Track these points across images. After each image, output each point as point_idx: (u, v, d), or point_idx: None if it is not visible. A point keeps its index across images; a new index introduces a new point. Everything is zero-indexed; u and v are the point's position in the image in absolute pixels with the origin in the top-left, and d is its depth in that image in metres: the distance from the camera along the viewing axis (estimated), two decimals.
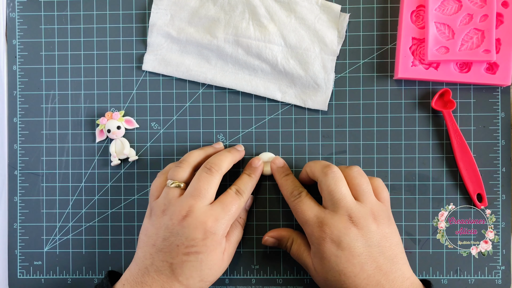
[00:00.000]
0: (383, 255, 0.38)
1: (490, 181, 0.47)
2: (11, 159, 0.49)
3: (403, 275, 0.38)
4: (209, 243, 0.39)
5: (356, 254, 0.38)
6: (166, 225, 0.39)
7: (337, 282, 0.38)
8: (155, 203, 0.41)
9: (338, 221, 0.38)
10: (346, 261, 0.38)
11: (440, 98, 0.47)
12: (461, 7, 0.45)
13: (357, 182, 0.40)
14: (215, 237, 0.39)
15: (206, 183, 0.40)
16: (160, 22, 0.48)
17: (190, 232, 0.38)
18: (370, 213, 0.39)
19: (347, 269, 0.38)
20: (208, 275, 0.39)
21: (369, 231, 0.38)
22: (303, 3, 0.47)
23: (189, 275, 0.38)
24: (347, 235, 0.38)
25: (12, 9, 0.49)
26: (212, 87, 0.48)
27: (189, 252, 0.38)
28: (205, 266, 0.39)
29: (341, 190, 0.39)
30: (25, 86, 0.49)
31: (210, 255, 0.39)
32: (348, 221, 0.38)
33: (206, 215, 0.39)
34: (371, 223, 0.39)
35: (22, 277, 0.49)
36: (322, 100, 0.47)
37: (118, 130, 0.47)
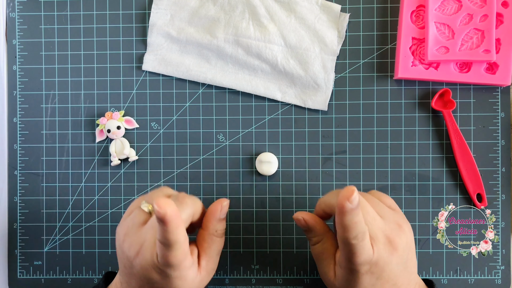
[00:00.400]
0: (406, 270, 0.36)
1: (490, 181, 0.47)
2: (11, 159, 0.49)
3: (414, 281, 0.37)
4: (173, 281, 0.35)
5: (389, 279, 0.35)
6: (126, 254, 0.35)
7: None
8: (124, 220, 0.37)
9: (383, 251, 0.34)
10: (380, 286, 0.35)
11: (440, 98, 0.47)
12: (461, 7, 0.45)
13: (374, 203, 0.37)
14: (176, 276, 0.34)
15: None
16: (160, 22, 0.48)
17: (147, 274, 0.34)
18: (397, 225, 0.36)
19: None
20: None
21: (401, 249, 0.35)
22: (303, 3, 0.47)
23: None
24: (390, 263, 0.34)
25: (12, 9, 0.49)
26: (212, 87, 0.48)
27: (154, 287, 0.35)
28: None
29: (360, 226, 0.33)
30: (25, 86, 0.49)
31: (180, 286, 0.35)
32: (388, 245, 0.35)
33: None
34: (401, 238, 0.35)
35: (22, 277, 0.49)
36: (322, 100, 0.47)
37: (118, 130, 0.47)
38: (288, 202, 0.48)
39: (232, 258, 0.48)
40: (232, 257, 0.48)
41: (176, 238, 0.32)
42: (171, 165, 0.48)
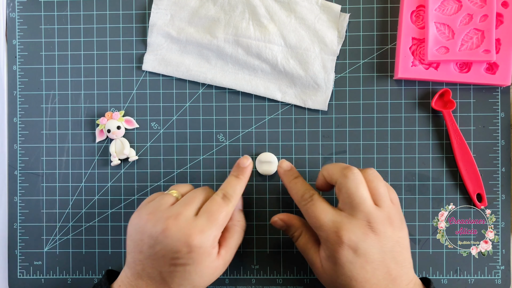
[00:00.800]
0: (394, 260, 0.37)
1: (490, 181, 0.47)
2: (11, 159, 0.49)
3: (408, 278, 0.38)
4: (195, 256, 0.37)
5: (370, 260, 0.36)
6: (150, 232, 0.37)
7: (346, 286, 0.37)
8: (145, 205, 0.40)
9: (357, 226, 0.37)
10: (360, 268, 0.36)
11: (440, 98, 0.47)
12: (461, 7, 0.45)
13: (374, 185, 0.39)
14: (201, 250, 0.37)
15: (198, 193, 0.39)
16: (160, 22, 0.48)
17: (174, 245, 0.36)
18: (387, 217, 0.38)
19: (360, 275, 0.36)
20: (200, 282, 0.38)
21: (385, 236, 0.37)
22: (303, 3, 0.47)
23: (179, 283, 0.37)
24: (365, 241, 0.36)
25: (12, 9, 0.49)
26: (212, 87, 0.48)
27: (175, 264, 0.37)
28: (195, 275, 0.37)
29: (362, 194, 0.37)
30: (25, 86, 0.49)
31: (199, 266, 0.37)
32: (366, 226, 0.37)
33: (189, 228, 0.37)
34: (387, 228, 0.37)
35: (22, 277, 0.49)
36: (322, 100, 0.47)
37: (118, 130, 0.47)
38: (288, 202, 0.48)
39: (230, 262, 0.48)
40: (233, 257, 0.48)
41: (240, 192, 0.41)
42: (171, 165, 0.48)
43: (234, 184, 0.41)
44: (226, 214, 0.39)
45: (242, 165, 0.42)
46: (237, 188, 0.41)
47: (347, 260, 0.37)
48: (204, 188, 0.41)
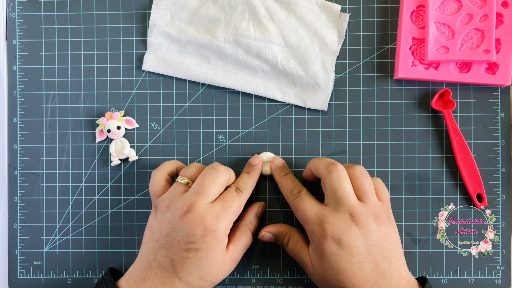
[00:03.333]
0: (382, 255, 0.38)
1: (490, 181, 0.47)
2: (11, 159, 0.49)
3: (400, 275, 0.39)
4: (209, 240, 0.39)
5: (355, 253, 0.38)
6: (168, 220, 0.39)
7: (335, 280, 0.38)
8: (161, 199, 0.42)
9: (339, 219, 0.39)
10: (345, 260, 0.38)
11: (440, 98, 0.47)
12: (461, 7, 0.45)
13: (360, 182, 0.40)
14: (215, 234, 0.39)
15: (210, 181, 0.40)
16: (160, 22, 0.48)
17: (190, 228, 0.38)
18: (372, 213, 0.39)
19: (346, 268, 0.38)
20: (208, 273, 0.39)
21: (369, 230, 0.39)
22: (303, 3, 0.47)
23: (188, 272, 0.38)
24: (348, 233, 0.38)
25: (12, 9, 0.49)
26: (212, 87, 0.48)
27: (189, 249, 0.38)
28: (204, 264, 0.39)
29: (345, 189, 0.39)
30: (25, 86, 0.49)
31: (210, 252, 0.39)
32: (349, 219, 0.39)
33: (206, 212, 0.39)
34: (371, 223, 0.39)
35: (22, 277, 0.49)
36: (322, 100, 0.47)
37: (118, 130, 0.47)
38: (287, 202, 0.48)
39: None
40: None
41: (251, 186, 0.44)
42: None
43: (246, 179, 0.44)
44: (239, 204, 0.41)
45: (253, 163, 0.45)
46: (249, 182, 0.44)
47: (332, 252, 0.38)
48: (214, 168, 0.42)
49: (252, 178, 0.44)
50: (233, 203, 0.41)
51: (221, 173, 0.41)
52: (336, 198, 0.39)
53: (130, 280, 0.39)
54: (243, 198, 0.42)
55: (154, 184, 0.43)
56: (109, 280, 0.40)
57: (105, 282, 0.40)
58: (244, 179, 0.44)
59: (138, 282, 0.39)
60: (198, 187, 0.40)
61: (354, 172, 0.41)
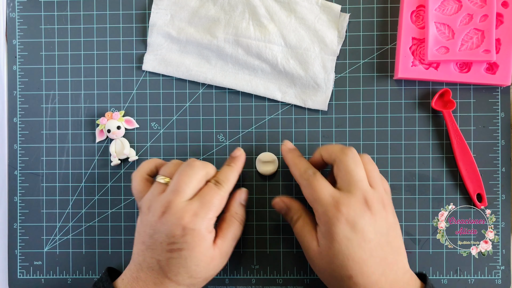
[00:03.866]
0: (389, 245, 0.38)
1: (490, 181, 0.47)
2: (11, 159, 0.49)
3: (404, 267, 0.39)
4: (190, 239, 0.38)
5: (367, 240, 0.37)
6: (150, 222, 0.39)
7: (343, 267, 0.37)
8: (142, 201, 0.41)
9: (355, 203, 0.37)
10: (357, 245, 0.36)
11: (440, 98, 0.47)
12: (461, 7, 0.45)
13: (369, 168, 0.40)
14: (195, 232, 0.38)
15: (186, 177, 0.39)
16: (160, 22, 0.48)
17: (169, 229, 0.38)
18: (381, 200, 0.39)
19: (357, 254, 0.36)
20: (196, 271, 0.38)
21: (380, 217, 0.38)
22: (303, 3, 0.47)
23: (176, 272, 0.38)
24: (363, 218, 0.37)
25: (12, 9, 0.49)
26: (212, 87, 0.48)
27: (171, 249, 0.38)
28: (190, 262, 0.38)
29: (360, 172, 0.39)
30: (25, 86, 0.49)
31: (194, 251, 0.38)
32: (364, 204, 0.37)
33: (183, 211, 0.38)
34: (381, 210, 0.38)
35: (22, 277, 0.49)
36: (322, 100, 0.47)
37: (118, 130, 0.47)
38: None
39: (232, 258, 0.48)
40: (232, 257, 0.48)
41: (232, 179, 0.42)
42: None
43: (226, 171, 0.42)
44: (219, 198, 0.40)
45: (234, 155, 0.44)
46: (229, 174, 0.42)
47: (344, 235, 0.37)
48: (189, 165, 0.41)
49: (232, 169, 0.43)
50: (212, 197, 0.39)
51: (197, 168, 0.40)
52: (351, 181, 0.38)
53: (125, 279, 0.39)
54: (223, 192, 0.40)
55: (134, 187, 0.42)
56: (105, 280, 0.40)
57: (102, 281, 0.40)
58: (224, 171, 0.42)
59: (132, 282, 0.39)
60: (173, 186, 0.39)
61: (364, 159, 0.40)
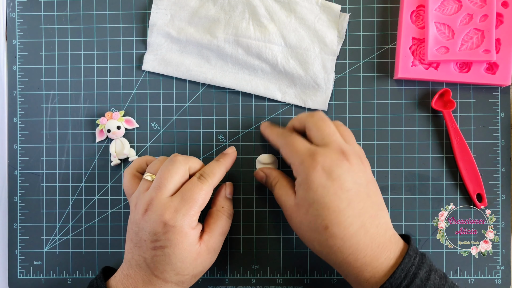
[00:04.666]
0: (370, 199, 0.37)
1: (490, 181, 0.47)
2: (11, 159, 0.49)
3: (387, 225, 0.38)
4: (172, 237, 0.37)
5: (345, 188, 0.36)
6: (135, 219, 0.39)
7: (319, 217, 0.36)
8: (131, 198, 0.41)
9: (331, 152, 0.37)
10: (333, 194, 0.36)
11: (440, 98, 0.47)
12: (461, 7, 0.45)
13: (342, 129, 0.41)
14: (176, 229, 0.37)
15: (167, 173, 0.39)
16: (160, 22, 0.48)
17: (152, 226, 0.37)
18: (358, 154, 0.39)
19: (333, 203, 0.36)
20: (182, 268, 0.38)
21: (359, 170, 0.37)
22: (303, 3, 0.47)
23: (162, 269, 0.38)
24: (340, 166, 0.36)
25: (12, 9, 0.49)
26: (212, 87, 0.48)
27: (155, 247, 0.38)
28: (175, 259, 0.38)
29: (331, 126, 0.39)
30: (25, 86, 0.49)
31: (177, 248, 0.37)
32: (340, 154, 0.37)
33: (164, 208, 0.37)
34: (360, 164, 0.38)
35: (22, 277, 0.49)
36: (322, 100, 0.47)
37: (118, 130, 0.47)
38: None
39: (232, 258, 0.48)
40: (232, 257, 0.48)
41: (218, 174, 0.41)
42: None
43: (212, 165, 0.41)
44: (202, 193, 0.39)
45: (225, 152, 0.44)
46: (215, 169, 0.41)
47: (320, 183, 0.36)
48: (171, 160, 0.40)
49: (220, 164, 0.42)
50: (194, 193, 0.38)
51: (178, 163, 0.40)
52: (324, 135, 0.38)
53: (117, 277, 0.40)
54: (206, 186, 0.39)
55: (124, 183, 0.43)
56: (99, 278, 0.40)
57: (96, 280, 0.40)
58: (210, 166, 0.41)
59: (123, 279, 0.39)
60: (155, 182, 0.39)
61: (336, 123, 0.41)
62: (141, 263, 0.38)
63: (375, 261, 0.36)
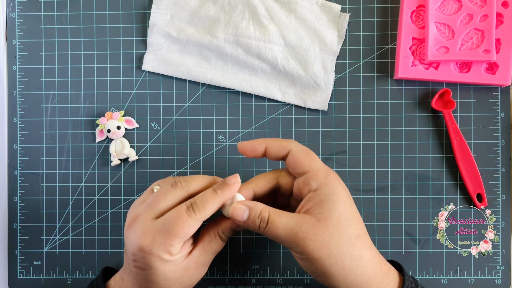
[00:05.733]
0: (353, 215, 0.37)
1: (490, 181, 0.47)
2: (11, 159, 0.49)
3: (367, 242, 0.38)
4: (149, 262, 0.34)
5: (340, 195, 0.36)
6: (125, 230, 0.37)
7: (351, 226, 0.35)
8: None
9: None
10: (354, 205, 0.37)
11: (440, 98, 0.47)
12: (461, 7, 0.45)
13: None
14: (153, 256, 0.34)
15: (162, 196, 0.36)
16: (160, 22, 0.48)
17: (130, 245, 0.36)
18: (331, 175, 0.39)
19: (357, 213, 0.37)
20: (168, 285, 0.36)
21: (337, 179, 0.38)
22: (303, 3, 0.47)
23: (146, 285, 0.36)
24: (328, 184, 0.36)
25: (12, 9, 0.49)
26: (212, 87, 0.48)
27: (136, 266, 0.36)
28: (157, 279, 0.35)
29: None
30: (25, 86, 0.49)
31: (157, 271, 0.35)
32: None
33: (143, 231, 0.35)
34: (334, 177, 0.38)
35: (22, 277, 0.49)
36: (322, 100, 0.47)
37: (118, 130, 0.47)
38: None
39: (232, 258, 0.48)
40: (232, 257, 0.48)
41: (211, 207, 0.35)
42: (171, 165, 0.48)
43: (207, 197, 0.36)
44: (186, 227, 0.34)
45: (228, 181, 0.36)
46: (209, 202, 0.36)
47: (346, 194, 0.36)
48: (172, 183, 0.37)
49: (216, 197, 0.36)
50: (176, 224, 0.34)
51: (179, 189, 0.37)
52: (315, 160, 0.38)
53: (117, 277, 0.40)
54: (193, 220, 0.35)
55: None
56: (99, 278, 0.40)
57: (97, 280, 0.40)
58: (205, 196, 0.36)
59: (120, 281, 0.39)
60: (149, 199, 0.37)
61: None
62: (130, 272, 0.37)
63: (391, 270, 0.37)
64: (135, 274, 0.37)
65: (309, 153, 0.37)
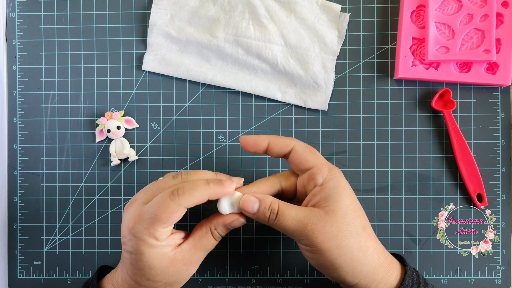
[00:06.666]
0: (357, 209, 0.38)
1: (490, 181, 0.47)
2: (11, 159, 0.49)
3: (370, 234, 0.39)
4: (136, 246, 0.35)
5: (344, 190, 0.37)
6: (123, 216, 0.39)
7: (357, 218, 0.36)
8: None
9: None
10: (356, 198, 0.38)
11: (440, 98, 0.47)
12: (461, 7, 0.45)
13: None
14: (139, 240, 0.35)
15: (160, 184, 0.37)
16: (160, 22, 0.48)
17: (122, 228, 0.37)
18: None
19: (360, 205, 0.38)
20: (152, 274, 0.36)
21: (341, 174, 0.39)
22: (303, 3, 0.47)
23: (133, 272, 0.37)
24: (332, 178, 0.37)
25: (12, 9, 0.49)
26: (212, 87, 0.48)
27: (125, 249, 0.37)
28: (142, 265, 0.36)
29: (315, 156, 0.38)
30: (25, 86, 0.49)
31: (143, 256, 0.35)
32: None
33: (133, 213, 0.36)
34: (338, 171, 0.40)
35: (22, 277, 0.49)
36: (322, 100, 0.47)
37: (118, 130, 0.47)
38: None
39: (232, 258, 0.48)
40: (232, 257, 0.48)
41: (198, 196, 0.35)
42: (171, 165, 0.48)
43: (197, 185, 0.35)
44: (168, 211, 0.34)
45: (224, 182, 0.36)
46: (197, 190, 0.35)
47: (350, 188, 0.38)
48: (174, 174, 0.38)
49: (206, 188, 0.35)
50: (158, 209, 0.34)
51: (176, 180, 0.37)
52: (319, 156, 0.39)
53: (112, 272, 0.40)
54: (175, 204, 0.34)
55: None
56: (94, 275, 0.40)
57: (92, 278, 0.40)
58: (195, 184, 0.35)
59: (113, 273, 0.39)
60: (148, 186, 0.38)
61: None
62: (122, 260, 0.38)
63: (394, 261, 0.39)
64: (124, 259, 0.37)
65: (312, 150, 0.38)
